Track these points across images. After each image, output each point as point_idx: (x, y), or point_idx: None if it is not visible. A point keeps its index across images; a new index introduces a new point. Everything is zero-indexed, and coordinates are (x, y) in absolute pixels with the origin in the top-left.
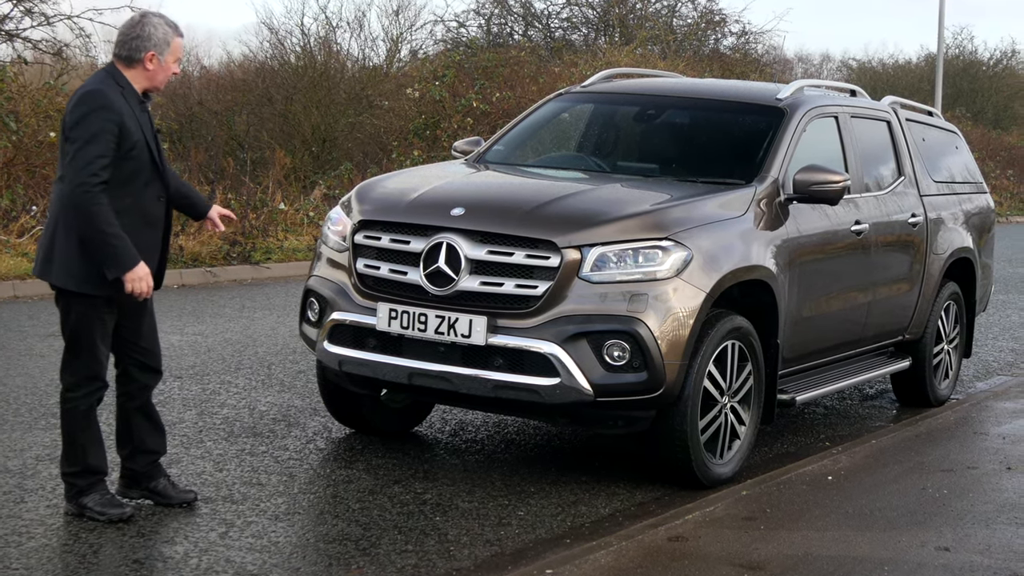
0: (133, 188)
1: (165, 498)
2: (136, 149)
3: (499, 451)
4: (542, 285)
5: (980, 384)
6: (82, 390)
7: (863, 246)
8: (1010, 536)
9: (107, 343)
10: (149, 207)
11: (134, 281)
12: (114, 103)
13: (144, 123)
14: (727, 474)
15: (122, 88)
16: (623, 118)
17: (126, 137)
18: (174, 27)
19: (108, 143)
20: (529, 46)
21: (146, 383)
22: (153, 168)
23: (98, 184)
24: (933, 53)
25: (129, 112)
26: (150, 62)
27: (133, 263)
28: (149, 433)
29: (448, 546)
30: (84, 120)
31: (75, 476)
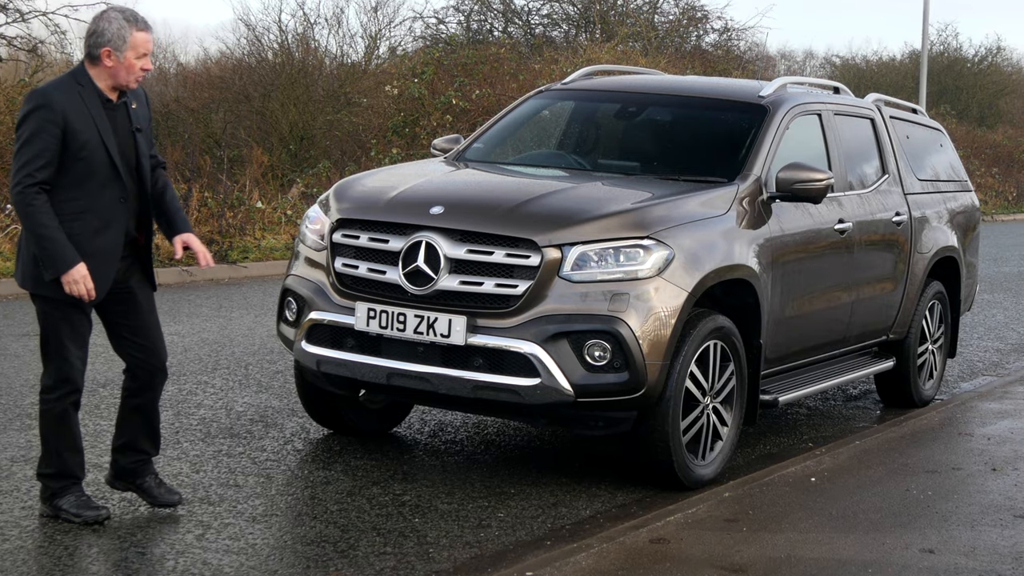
0: (86, 190)
1: (149, 497)
2: (86, 150)
3: (479, 452)
4: (522, 284)
5: (965, 384)
6: (55, 392)
7: (847, 245)
8: (995, 538)
9: (79, 346)
10: (106, 209)
11: (70, 283)
12: (55, 102)
13: (104, 124)
14: (709, 475)
15: (81, 87)
16: (604, 116)
17: (73, 137)
18: (133, 21)
19: (46, 143)
20: (509, 43)
21: (147, 382)
22: (111, 170)
23: (33, 185)
24: (917, 50)
25: (80, 112)
26: (108, 58)
27: (68, 265)
28: (142, 433)
29: (427, 548)
30: (24, 120)
31: (49, 478)
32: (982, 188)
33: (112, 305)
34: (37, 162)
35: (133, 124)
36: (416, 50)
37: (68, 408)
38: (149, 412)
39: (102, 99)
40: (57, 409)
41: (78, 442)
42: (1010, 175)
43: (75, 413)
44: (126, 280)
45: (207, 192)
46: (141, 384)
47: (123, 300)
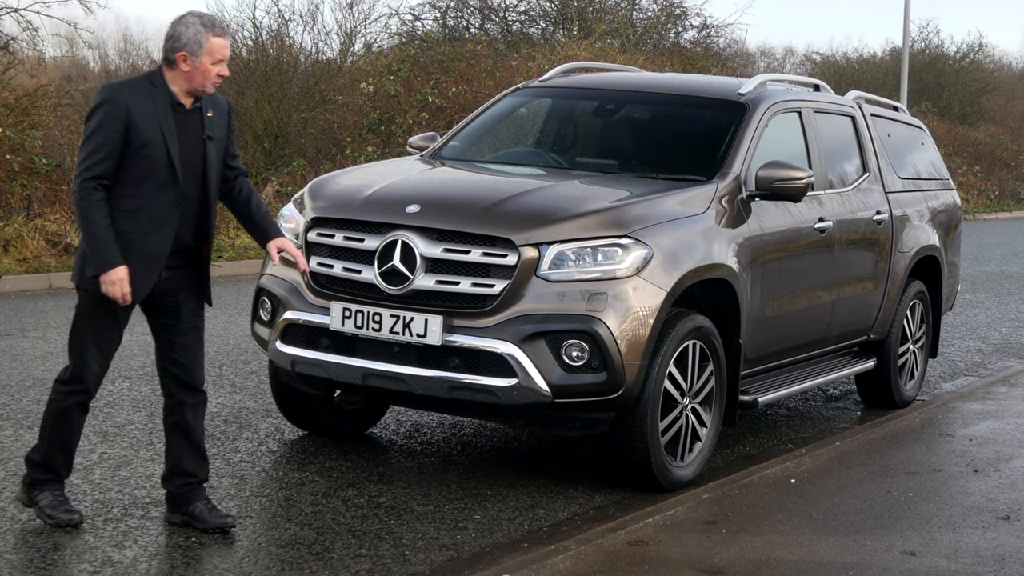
0: (143, 189)
1: (200, 522)
2: (148, 149)
3: (455, 453)
4: (499, 284)
5: (946, 385)
6: (64, 387)
7: (827, 244)
8: (977, 540)
9: (101, 351)
10: (160, 212)
11: (108, 283)
12: (121, 98)
13: (169, 126)
14: (688, 477)
15: (153, 87)
16: (582, 113)
17: (136, 135)
18: (210, 26)
19: (108, 137)
20: (486, 40)
21: (183, 399)
22: (170, 172)
23: (91, 179)
24: (898, 47)
25: (147, 111)
26: (184, 63)
27: (109, 265)
28: (186, 454)
29: (403, 550)
30: (91, 114)
31: (34, 465)
32: (964, 186)
33: (158, 316)
34: (96, 155)
35: (204, 131)
36: (392, 47)
37: (72, 406)
38: (188, 431)
39: (173, 102)
40: (62, 404)
41: (71, 443)
42: (992, 173)
43: (79, 414)
44: (175, 291)
45: None
46: (176, 401)
47: (169, 312)
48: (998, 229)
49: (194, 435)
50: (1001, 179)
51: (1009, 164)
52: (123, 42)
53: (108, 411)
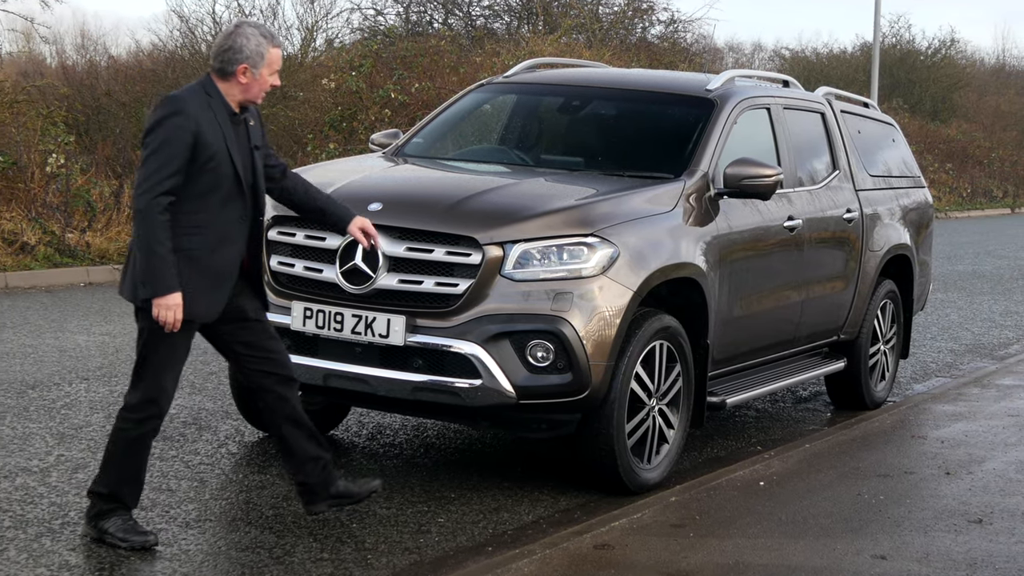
0: (209, 204)
1: (350, 497)
2: (214, 162)
3: (418, 456)
4: (463, 283)
5: (918, 386)
6: (138, 413)
7: (796, 243)
8: (949, 544)
9: (173, 370)
10: (227, 226)
11: (161, 307)
12: (190, 110)
13: (231, 137)
14: (655, 479)
15: (210, 98)
16: (547, 110)
17: (203, 148)
18: (269, 37)
19: (177, 151)
20: (449, 35)
21: (284, 394)
22: (236, 185)
23: (161, 195)
24: (869, 42)
25: (211, 122)
26: (243, 75)
27: (167, 289)
28: (305, 440)
29: (365, 554)
30: (157, 126)
31: (100, 497)
32: (935, 184)
33: (222, 327)
34: (165, 171)
35: (252, 141)
36: (354, 42)
37: (147, 434)
38: (298, 418)
39: (228, 112)
40: (134, 432)
41: (141, 474)
42: (964, 171)
43: (150, 441)
44: (235, 299)
45: None
46: (277, 397)
47: (233, 319)
48: (970, 227)
49: (304, 421)
50: (973, 177)
51: (981, 161)
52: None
53: (65, 412)
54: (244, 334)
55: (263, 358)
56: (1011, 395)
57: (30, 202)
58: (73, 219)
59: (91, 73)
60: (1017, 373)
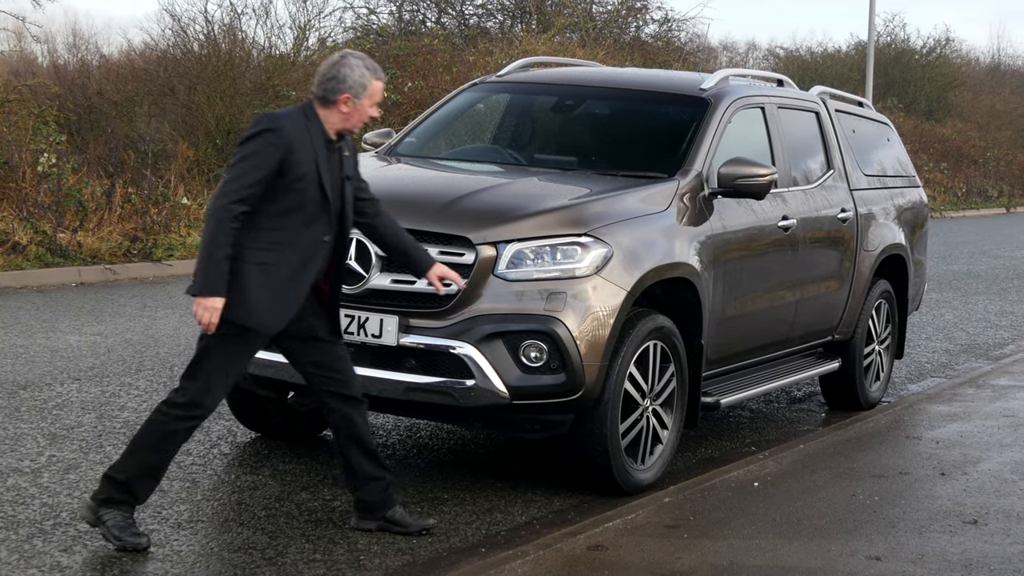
0: (291, 222)
1: (403, 527)
2: (302, 183)
3: (411, 456)
4: None
5: (913, 386)
6: (181, 411)
7: (791, 242)
8: (944, 545)
9: (230, 378)
10: (307, 246)
11: (201, 306)
12: (285, 129)
13: (324, 162)
14: (649, 480)
15: (309, 121)
16: (540, 109)
17: (292, 167)
18: (373, 70)
19: (262, 166)
20: (442, 34)
21: (347, 412)
22: (320, 207)
23: (235, 202)
24: (864, 41)
25: (306, 144)
26: (344, 104)
27: (211, 291)
28: (364, 461)
29: (358, 555)
30: (249, 140)
31: (113, 483)
32: (930, 184)
33: (294, 344)
34: (247, 179)
35: (344, 170)
36: (347, 41)
37: (181, 431)
38: (362, 438)
39: (325, 138)
40: (172, 427)
41: (161, 471)
42: (959, 170)
43: (182, 441)
44: (307, 318)
45: (131, 188)
46: (341, 416)
47: (304, 337)
48: (965, 227)
49: (368, 441)
50: (968, 176)
51: (976, 161)
52: (72, 36)
53: (57, 413)
54: (314, 353)
55: (330, 378)
56: (1006, 395)
57: (21, 201)
58: (64, 219)
59: (83, 72)
60: (1012, 373)
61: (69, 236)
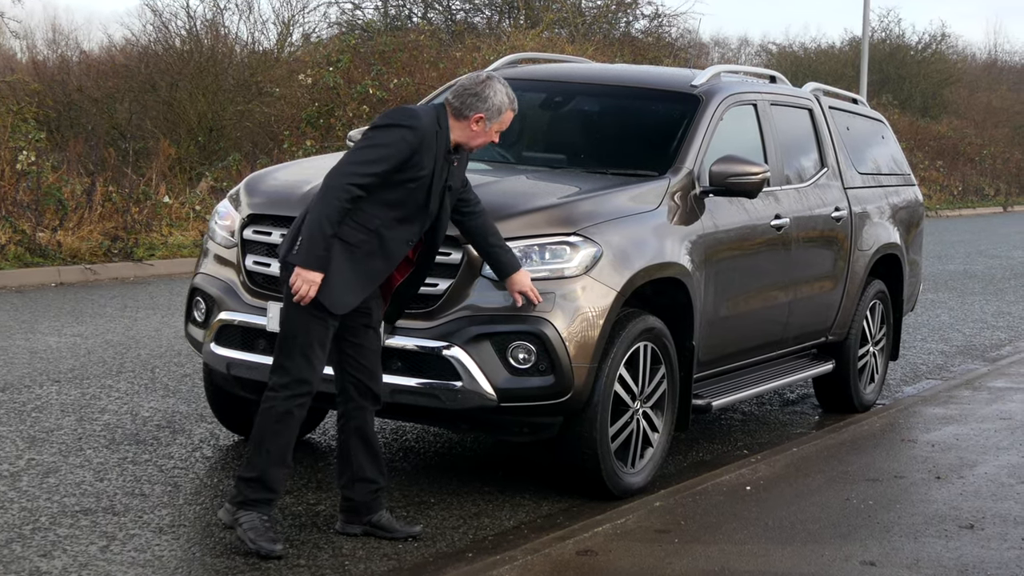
0: (389, 215)
1: (389, 532)
2: (414, 183)
3: (397, 460)
4: (443, 283)
5: (908, 388)
6: (285, 391)
7: (784, 242)
8: (939, 550)
9: (323, 349)
10: (392, 243)
11: (301, 277)
12: (423, 131)
13: (440, 168)
14: (639, 484)
15: (439, 128)
16: (528, 106)
17: (412, 167)
18: (512, 100)
19: (390, 158)
20: (429, 29)
21: (363, 405)
22: (420, 213)
23: (354, 185)
24: (858, 37)
25: (432, 148)
26: (476, 123)
27: (314, 265)
28: (366, 460)
29: (343, 560)
30: (385, 128)
31: (248, 483)
32: (926, 182)
33: (349, 325)
34: (372, 167)
35: (449, 180)
36: (331, 37)
37: (294, 409)
38: (367, 435)
39: (447, 148)
40: (281, 408)
41: (288, 455)
42: (955, 168)
43: (299, 417)
44: (369, 299)
45: (111, 186)
46: (356, 406)
47: (360, 317)
48: (961, 226)
49: (374, 443)
50: (964, 174)
51: (973, 159)
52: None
53: (36, 416)
54: (360, 337)
55: (362, 366)
56: (1003, 398)
57: (0, 200)
58: (44, 218)
59: (62, 68)
60: (1009, 375)
61: (48, 235)
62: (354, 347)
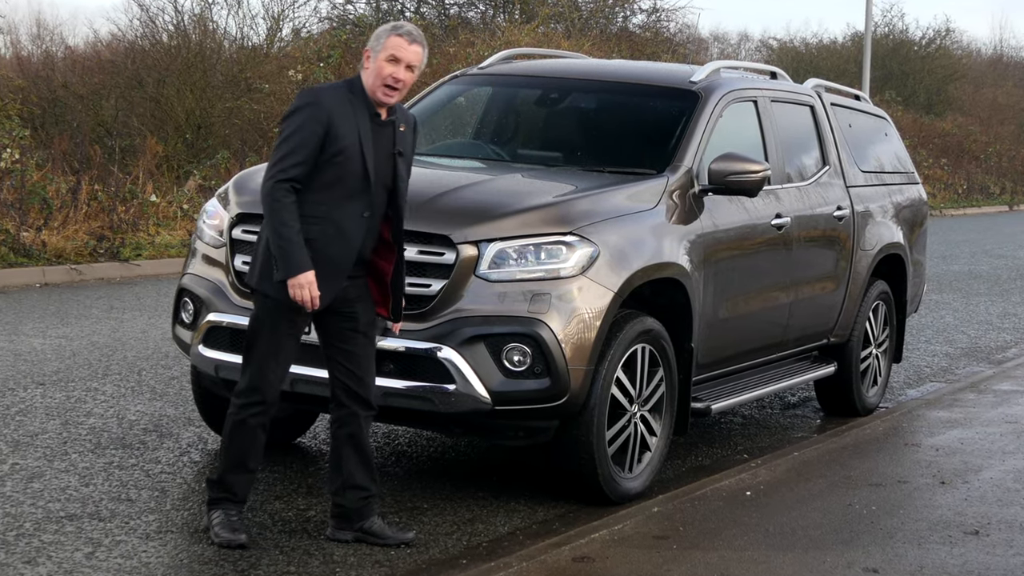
0: (332, 196)
1: (381, 538)
2: (342, 156)
3: (389, 464)
4: (436, 284)
5: (911, 391)
6: (242, 399)
7: (784, 241)
8: (944, 556)
9: (279, 361)
10: (346, 220)
11: (296, 287)
12: (324, 102)
13: (368, 136)
14: (637, 489)
15: (352, 95)
16: (524, 102)
17: (333, 140)
18: (396, 27)
19: (306, 141)
20: (422, 24)
21: (354, 411)
22: (362, 182)
23: (284, 180)
24: (860, 32)
25: (347, 117)
26: (367, 60)
27: (298, 269)
28: (357, 467)
29: (334, 567)
30: (290, 116)
31: (211, 484)
32: (930, 180)
33: (334, 324)
34: (293, 158)
35: (396, 146)
36: (322, 32)
37: (247, 419)
38: (359, 442)
39: (370, 112)
40: (236, 417)
41: (248, 461)
42: (960, 166)
43: (257, 428)
44: (353, 301)
45: (97, 185)
46: (348, 412)
47: (345, 320)
48: (966, 225)
49: (366, 450)
50: (969, 172)
51: (978, 156)
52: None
53: (20, 419)
54: (349, 343)
55: (350, 371)
56: (1009, 401)
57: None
58: (28, 217)
59: (47, 64)
60: (1015, 378)
61: (33, 235)
62: (342, 353)
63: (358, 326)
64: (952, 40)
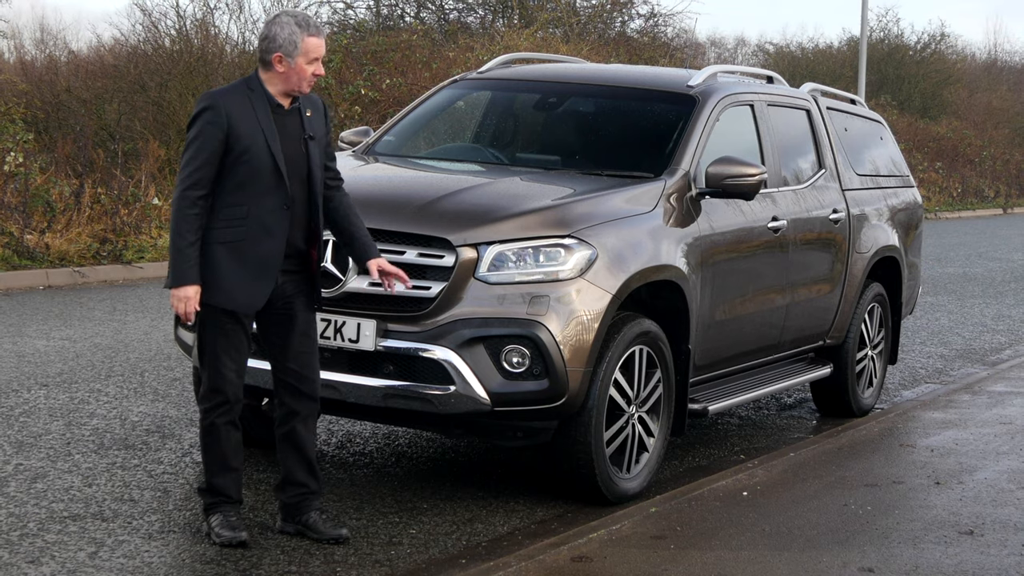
0: (249, 195)
1: (315, 533)
2: (249, 154)
3: (389, 465)
4: (436, 286)
5: (907, 393)
6: (205, 403)
7: (781, 244)
8: (939, 556)
9: (233, 358)
10: (268, 216)
11: (177, 298)
12: (221, 104)
13: (271, 130)
14: (635, 489)
15: (251, 91)
16: (523, 106)
17: (236, 141)
18: (304, 26)
19: (207, 145)
20: (422, 29)
21: (294, 409)
22: (275, 176)
23: (189, 188)
24: (856, 37)
25: (247, 116)
26: (279, 64)
27: (181, 281)
28: (295, 464)
29: (335, 567)
30: (191, 123)
31: (201, 492)
32: (925, 183)
33: (273, 322)
34: (194, 163)
35: (305, 132)
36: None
37: (216, 421)
38: (299, 443)
39: (272, 104)
40: (205, 422)
41: (229, 460)
42: (954, 170)
43: (228, 429)
44: (291, 297)
45: (100, 188)
46: (288, 411)
47: (284, 318)
48: (960, 228)
49: (305, 448)
50: (964, 176)
51: (972, 160)
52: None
53: (24, 420)
54: (287, 339)
55: (292, 371)
56: (1003, 402)
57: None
58: (32, 220)
59: (51, 68)
60: (1009, 379)
61: (36, 238)
62: (279, 348)
63: (297, 323)
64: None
